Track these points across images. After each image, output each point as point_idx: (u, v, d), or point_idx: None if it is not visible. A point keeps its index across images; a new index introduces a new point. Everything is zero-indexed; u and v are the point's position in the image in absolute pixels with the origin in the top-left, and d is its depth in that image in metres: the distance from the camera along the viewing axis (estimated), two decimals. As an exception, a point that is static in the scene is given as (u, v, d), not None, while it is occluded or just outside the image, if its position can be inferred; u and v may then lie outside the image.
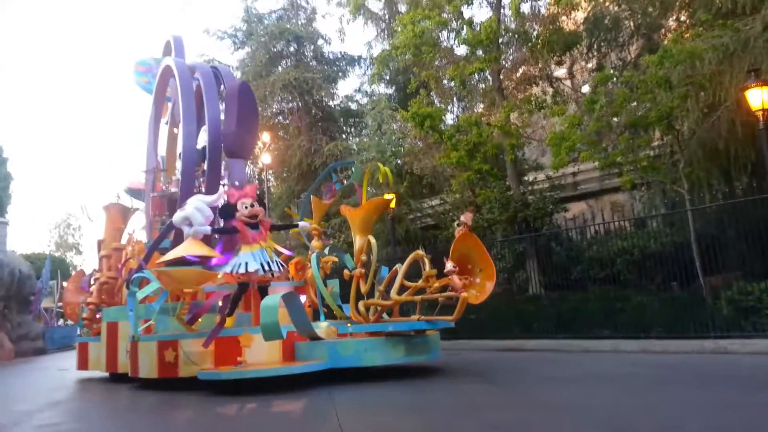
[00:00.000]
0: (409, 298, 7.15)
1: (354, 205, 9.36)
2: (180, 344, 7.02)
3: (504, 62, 16.02)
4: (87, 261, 44.90)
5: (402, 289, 7.15)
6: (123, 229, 11.30)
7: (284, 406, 5.50)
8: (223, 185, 8.90)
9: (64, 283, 33.50)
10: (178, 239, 8.29)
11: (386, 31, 22.17)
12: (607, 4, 14.63)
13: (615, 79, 12.31)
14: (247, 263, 7.02)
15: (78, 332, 22.70)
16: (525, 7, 15.40)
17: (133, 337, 7.55)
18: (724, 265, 9.57)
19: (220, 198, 7.86)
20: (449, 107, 19.72)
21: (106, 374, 9.27)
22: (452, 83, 17.32)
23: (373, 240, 7.65)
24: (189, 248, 7.32)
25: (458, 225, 6.63)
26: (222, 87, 10.30)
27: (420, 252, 7.35)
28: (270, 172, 23.07)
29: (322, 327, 7.55)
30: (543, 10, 15.53)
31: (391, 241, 15.18)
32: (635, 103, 11.17)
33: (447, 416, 4.49)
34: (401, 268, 7.25)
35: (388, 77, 22.83)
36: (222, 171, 9.91)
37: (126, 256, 9.66)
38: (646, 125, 11.08)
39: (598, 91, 11.63)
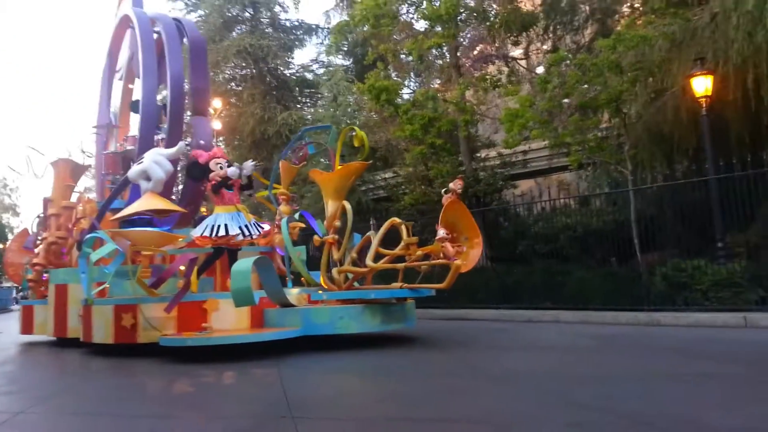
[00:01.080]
0: (387, 266, 7.01)
1: (325, 170, 9.05)
2: (140, 309, 6.60)
3: (462, 39, 16.10)
4: (24, 222, 42.91)
5: (377, 257, 7.01)
6: (73, 187, 10.69)
7: (242, 372, 5.29)
8: (187, 145, 8.52)
9: (1, 245, 32.12)
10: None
11: (345, 1, 21.87)
12: (565, -13, 14.86)
13: (568, 61, 12.56)
14: (226, 225, 6.75)
15: (14, 294, 21.74)
16: (485, -15, 15.47)
17: (86, 300, 7.14)
18: (661, 243, 10.03)
19: (180, 152, 7.52)
20: (406, 81, 19.71)
21: (53, 338, 8.81)
22: (410, 57, 17.26)
23: (348, 206, 7.48)
24: (148, 202, 6.93)
25: (446, 192, 6.54)
26: (184, 40, 9.81)
27: (396, 219, 7.23)
28: (221, 139, 22.55)
29: (292, 294, 7.33)
30: (502, -11, 15.60)
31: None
32: (586, 86, 11.45)
33: (397, 381, 4.54)
34: (376, 236, 7.12)
35: (345, 48, 22.56)
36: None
37: (77, 216, 9.16)
38: (596, 107, 11.40)
39: (551, 72, 11.86)
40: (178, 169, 9.51)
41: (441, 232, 6.23)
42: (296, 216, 8.86)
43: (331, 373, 5.11)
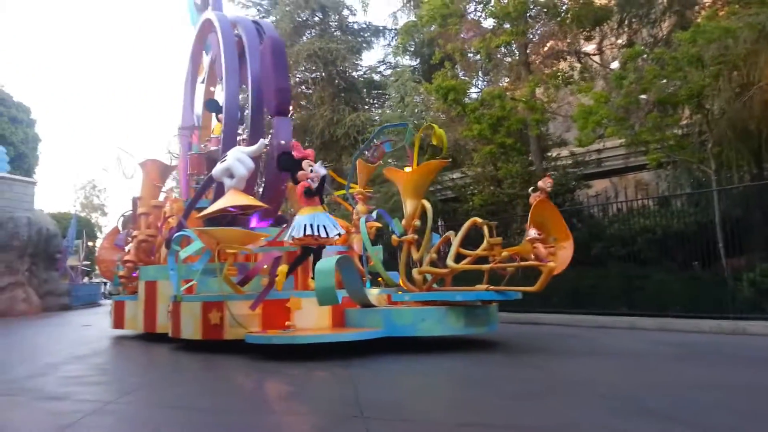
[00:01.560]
0: (469, 267, 6.84)
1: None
2: (227, 306, 6.72)
3: (531, 36, 15.79)
4: (113, 221, 45.63)
5: (458, 257, 6.85)
6: (161, 187, 11.01)
7: (321, 371, 5.35)
8: (266, 145, 8.68)
9: (89, 243, 34.28)
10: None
11: (412, 2, 21.90)
12: (640, -23, 14.26)
13: (645, 55, 12.07)
14: (320, 226, 6.70)
15: (102, 290, 23.09)
16: (555, -20, 15.07)
17: (175, 297, 7.34)
18: (747, 246, 9.49)
19: (260, 149, 7.67)
20: (474, 81, 19.55)
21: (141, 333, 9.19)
22: (478, 56, 17.14)
23: (428, 205, 7.26)
24: (231, 199, 7.10)
25: (533, 191, 6.31)
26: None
27: (478, 219, 6.99)
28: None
29: (372, 294, 7.26)
30: (574, -17, 15.17)
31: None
32: (665, 81, 10.97)
33: (470, 386, 4.58)
34: (456, 236, 6.93)
35: (412, 49, 22.65)
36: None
37: (165, 214, 9.48)
38: (675, 103, 10.91)
39: (627, 67, 11.44)
40: (260, 167, 9.60)
41: (532, 233, 6.01)
42: (373, 215, 8.82)
43: (408, 374, 5.18)
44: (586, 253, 11.52)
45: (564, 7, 14.71)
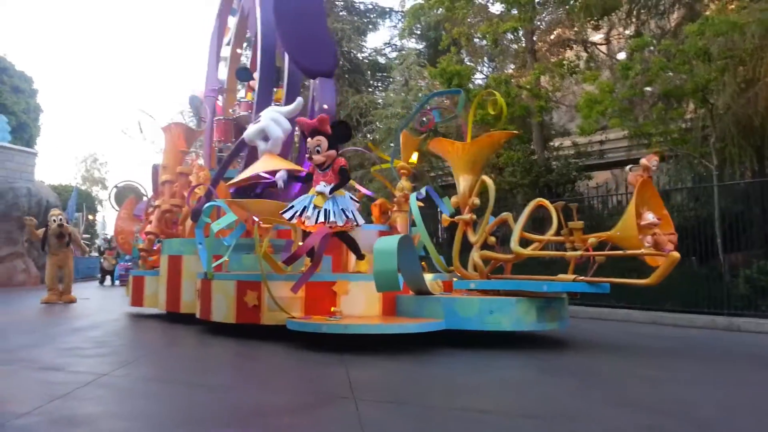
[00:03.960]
0: (544, 254, 6.21)
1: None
2: (266, 286, 5.84)
3: (539, 23, 15.66)
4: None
5: (523, 242, 6.15)
6: (186, 152, 10.05)
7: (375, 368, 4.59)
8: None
9: (90, 216, 34.27)
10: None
11: (421, -16, 21.65)
12: (651, -32, 14.11)
13: (652, 47, 11.98)
14: (326, 211, 5.87)
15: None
16: (565, -33, 14.91)
17: (206, 274, 6.59)
18: (746, 243, 9.51)
19: (298, 108, 6.78)
20: (479, 66, 19.41)
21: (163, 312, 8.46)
22: (484, 42, 17.00)
23: (489, 181, 6.40)
24: (266, 164, 6.43)
25: (631, 169, 5.67)
26: None
27: (544, 200, 6.42)
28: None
29: (426, 280, 6.36)
30: (584, -29, 14.99)
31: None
32: (671, 73, 10.90)
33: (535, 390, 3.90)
34: (519, 218, 6.27)
35: (418, 32, 22.45)
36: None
37: (191, 183, 8.63)
38: (680, 96, 10.84)
39: (633, 58, 11.35)
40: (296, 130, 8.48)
41: (650, 217, 5.24)
42: (422, 192, 7.81)
43: (479, 372, 4.55)
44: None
45: (573, -5, 14.57)
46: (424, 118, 8.82)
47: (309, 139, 5.99)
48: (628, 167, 5.84)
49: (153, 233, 9.25)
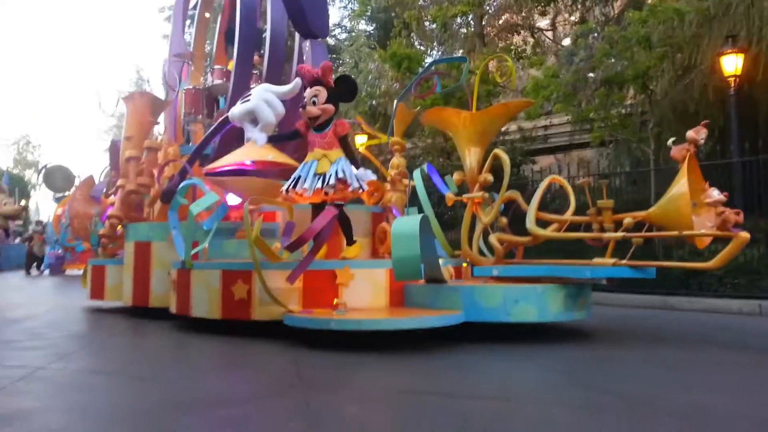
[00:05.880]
0: (565, 236, 5.58)
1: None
2: (258, 276, 4.99)
3: (488, 8, 15.77)
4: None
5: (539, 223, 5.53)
6: (153, 125, 8.90)
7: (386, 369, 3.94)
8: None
9: (22, 201, 32.72)
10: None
11: (371, -35, 21.45)
12: (596, -44, 14.41)
13: (596, 33, 12.23)
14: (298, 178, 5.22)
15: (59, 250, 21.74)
16: (513, -48, 15.10)
17: (183, 263, 5.77)
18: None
19: (295, 89, 5.85)
20: (429, 51, 19.43)
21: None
22: (434, 25, 17.03)
23: (503, 155, 5.80)
24: (254, 152, 5.78)
25: (674, 143, 5.17)
26: None
27: (558, 177, 5.93)
28: (241, 102, 22.51)
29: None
30: (531, -43, 15.21)
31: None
32: (613, 60, 11.17)
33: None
34: (534, 197, 5.60)
35: (368, 14, 22.26)
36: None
37: (164, 159, 7.67)
38: (622, 82, 11.12)
39: (578, 44, 11.57)
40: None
41: (715, 193, 4.74)
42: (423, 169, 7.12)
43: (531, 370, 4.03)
44: (526, 230, 11.76)
45: (521, -20, 14.75)
46: (429, 82, 8.07)
47: (308, 89, 5.29)
48: (670, 141, 5.29)
49: (116, 217, 8.09)
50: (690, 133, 5.01)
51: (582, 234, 5.57)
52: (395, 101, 7.61)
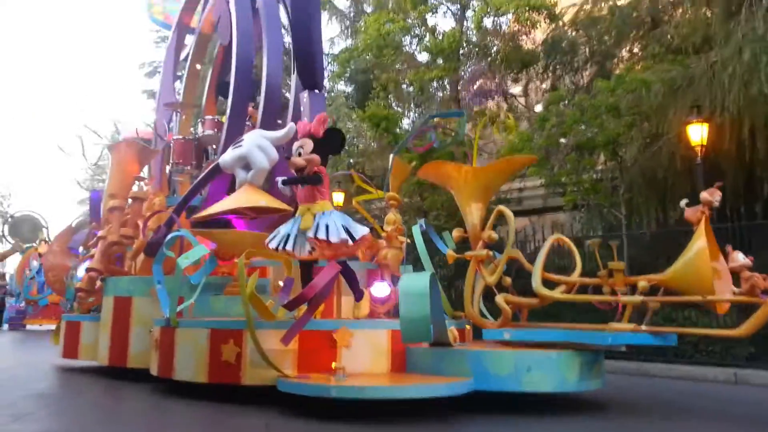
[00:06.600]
0: (573, 297, 5.41)
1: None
2: (252, 337, 4.66)
3: (463, 73, 16.25)
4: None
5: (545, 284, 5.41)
6: (139, 176, 8.64)
7: None
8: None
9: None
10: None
11: (350, 29, 22.11)
12: (565, 28, 15.07)
13: (567, 101, 12.64)
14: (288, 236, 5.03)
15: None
16: (487, 22, 15.81)
17: (168, 321, 5.47)
18: (653, 291, 9.90)
19: (289, 135, 5.70)
20: (406, 112, 19.85)
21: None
22: (411, 88, 17.46)
23: (508, 211, 5.67)
24: (247, 198, 5.52)
25: (686, 205, 4.99)
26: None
27: (562, 236, 5.89)
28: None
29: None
30: (504, 27, 15.85)
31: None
32: (584, 126, 11.49)
33: None
34: (539, 256, 5.49)
35: (347, 75, 22.74)
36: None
37: (150, 210, 7.41)
38: (592, 148, 11.41)
39: (549, 110, 11.92)
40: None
41: (740, 257, 4.59)
42: (422, 224, 7.04)
43: None
44: (501, 288, 11.73)
45: (494, 49, 15.29)
46: (423, 137, 7.85)
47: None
48: (682, 202, 5.16)
49: (96, 270, 7.69)
50: (704, 195, 4.87)
51: (594, 296, 5.36)
52: (391, 155, 7.49)
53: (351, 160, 19.35)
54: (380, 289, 5.85)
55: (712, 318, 8.15)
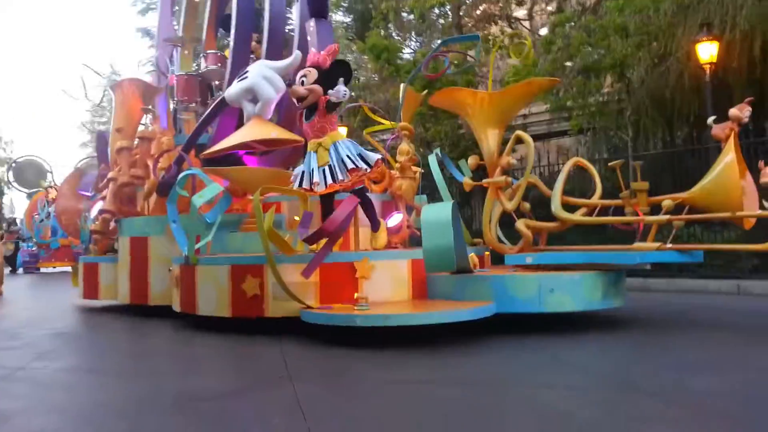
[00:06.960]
0: (595, 220, 5.35)
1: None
2: (273, 271, 4.65)
3: (465, -3, 15.81)
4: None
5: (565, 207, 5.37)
6: (147, 110, 8.36)
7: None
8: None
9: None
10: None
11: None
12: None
13: (573, 22, 12.34)
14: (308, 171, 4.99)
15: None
16: (491, -59, 15.15)
17: (188, 259, 5.46)
18: (657, 212, 10.02)
19: (295, 63, 5.55)
20: (407, 41, 19.40)
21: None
22: (411, 16, 17.00)
23: (527, 136, 5.61)
24: (256, 130, 5.44)
25: (715, 121, 4.85)
26: None
27: (582, 160, 5.81)
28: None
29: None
30: (508, -55, 15.27)
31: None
32: (590, 48, 11.29)
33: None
34: (558, 180, 5.45)
35: (346, 4, 22.13)
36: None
37: (158, 149, 7.24)
38: (599, 71, 11.25)
39: (556, 32, 11.67)
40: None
41: None
42: (437, 152, 7.00)
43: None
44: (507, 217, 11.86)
45: (498, -30, 14.80)
46: (436, 63, 7.44)
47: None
48: (710, 119, 5.01)
49: (109, 211, 7.66)
50: (733, 111, 4.77)
51: (615, 218, 5.36)
52: (402, 85, 7.26)
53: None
54: (393, 219, 5.90)
55: (717, 234, 8.32)
